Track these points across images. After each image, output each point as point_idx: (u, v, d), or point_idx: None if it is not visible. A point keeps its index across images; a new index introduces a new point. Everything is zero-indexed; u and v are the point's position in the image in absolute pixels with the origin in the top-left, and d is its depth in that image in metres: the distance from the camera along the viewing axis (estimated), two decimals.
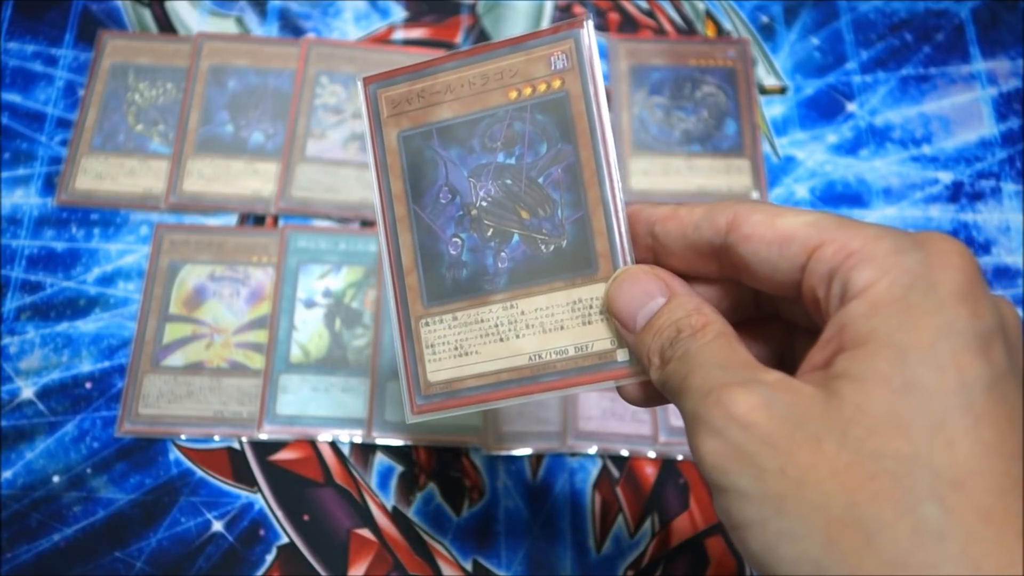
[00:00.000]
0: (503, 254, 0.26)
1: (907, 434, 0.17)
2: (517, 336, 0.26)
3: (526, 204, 0.26)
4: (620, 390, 0.26)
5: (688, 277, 0.25)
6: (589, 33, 0.26)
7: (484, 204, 0.27)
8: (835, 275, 0.20)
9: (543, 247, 0.26)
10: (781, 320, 0.25)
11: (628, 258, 0.25)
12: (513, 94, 0.26)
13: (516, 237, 0.26)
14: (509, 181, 0.26)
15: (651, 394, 0.25)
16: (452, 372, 0.27)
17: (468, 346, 0.26)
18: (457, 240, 0.27)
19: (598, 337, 0.25)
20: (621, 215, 0.25)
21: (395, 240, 0.27)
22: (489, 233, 0.27)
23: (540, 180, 0.26)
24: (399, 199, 0.27)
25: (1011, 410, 0.17)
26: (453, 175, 0.27)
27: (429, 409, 0.27)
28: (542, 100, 0.26)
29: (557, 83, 0.26)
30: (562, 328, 0.26)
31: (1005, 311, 0.19)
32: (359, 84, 0.28)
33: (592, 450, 0.44)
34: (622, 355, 0.25)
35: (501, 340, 0.26)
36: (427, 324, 0.27)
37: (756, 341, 0.25)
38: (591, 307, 0.26)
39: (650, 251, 0.25)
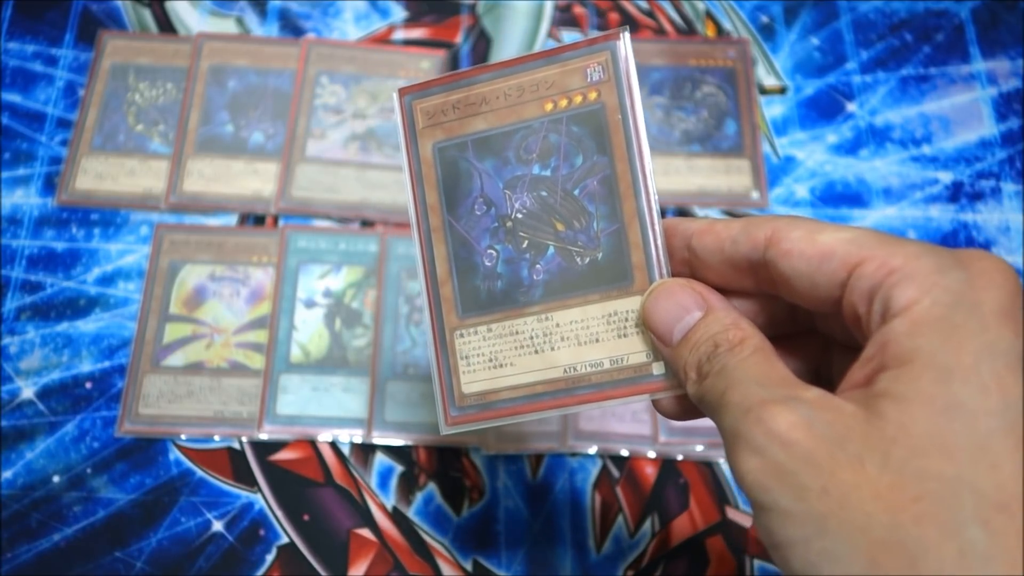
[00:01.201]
0: (538, 266, 0.26)
1: (951, 455, 0.17)
2: (552, 348, 0.26)
3: (561, 216, 0.26)
4: (656, 404, 0.26)
5: (724, 291, 0.24)
6: (626, 45, 0.26)
7: (519, 216, 0.26)
8: (876, 292, 0.19)
9: (578, 259, 0.26)
10: (817, 334, 0.25)
11: (664, 271, 0.25)
12: (549, 106, 0.26)
13: (551, 249, 0.26)
14: (544, 193, 0.26)
15: (687, 408, 0.25)
16: (486, 384, 0.26)
17: (503, 358, 0.26)
18: (492, 252, 0.27)
19: (633, 350, 0.25)
20: (657, 228, 0.25)
21: (430, 251, 0.27)
22: (524, 245, 0.26)
23: (575, 192, 0.26)
24: (434, 210, 0.27)
25: None
26: (488, 186, 0.27)
27: (463, 420, 0.27)
28: (578, 112, 0.26)
29: (593, 95, 0.26)
30: (597, 341, 0.26)
31: None
32: (395, 96, 0.27)
33: (592, 450, 0.44)
34: (658, 368, 0.25)
35: (536, 352, 0.26)
36: (462, 335, 0.27)
37: (792, 355, 0.25)
38: (627, 320, 0.25)
39: (686, 264, 0.25)
